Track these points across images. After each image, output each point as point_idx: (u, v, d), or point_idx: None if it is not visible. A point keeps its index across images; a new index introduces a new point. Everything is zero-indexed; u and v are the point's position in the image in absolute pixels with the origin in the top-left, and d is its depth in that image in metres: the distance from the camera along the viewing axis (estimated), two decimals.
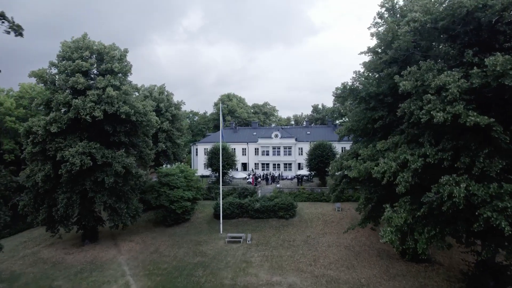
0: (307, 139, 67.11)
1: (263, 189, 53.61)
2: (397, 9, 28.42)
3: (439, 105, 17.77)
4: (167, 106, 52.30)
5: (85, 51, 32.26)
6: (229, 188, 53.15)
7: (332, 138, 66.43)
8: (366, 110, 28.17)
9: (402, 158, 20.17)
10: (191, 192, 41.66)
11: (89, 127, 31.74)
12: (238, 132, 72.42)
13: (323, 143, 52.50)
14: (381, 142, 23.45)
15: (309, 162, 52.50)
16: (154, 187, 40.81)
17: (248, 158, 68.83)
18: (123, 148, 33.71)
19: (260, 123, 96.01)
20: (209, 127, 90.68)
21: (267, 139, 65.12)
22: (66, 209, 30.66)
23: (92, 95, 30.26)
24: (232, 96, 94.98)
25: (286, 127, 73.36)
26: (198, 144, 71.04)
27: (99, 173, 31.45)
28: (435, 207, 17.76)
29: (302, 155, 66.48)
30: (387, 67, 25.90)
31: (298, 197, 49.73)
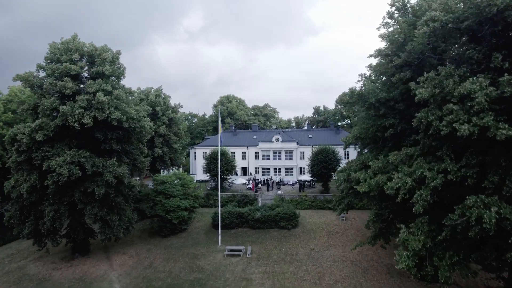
0: (309, 142, 65.14)
1: (263, 196, 51.60)
2: (409, 8, 26.41)
3: (462, 116, 15.78)
4: (164, 109, 50.31)
5: (74, 53, 30.27)
6: (228, 194, 51.14)
7: (334, 141, 64.50)
8: (375, 117, 26.19)
9: (418, 173, 18.16)
10: (188, 201, 39.67)
11: (79, 134, 29.73)
12: (238, 135, 70.44)
13: (326, 148, 50.50)
14: (394, 154, 21.42)
15: (312, 168, 50.49)
16: (149, 196, 38.83)
17: (248, 162, 66.84)
18: (115, 156, 31.67)
19: (261, 126, 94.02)
20: (208, 129, 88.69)
21: (267, 143, 63.12)
22: (53, 222, 28.64)
23: (81, 101, 28.25)
24: (232, 97, 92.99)
25: (287, 130, 71.43)
26: (197, 147, 69.07)
27: (89, 183, 29.44)
28: (459, 231, 15.77)
29: (303, 159, 64.52)
30: (399, 71, 23.94)
31: (300, 205, 47.79)
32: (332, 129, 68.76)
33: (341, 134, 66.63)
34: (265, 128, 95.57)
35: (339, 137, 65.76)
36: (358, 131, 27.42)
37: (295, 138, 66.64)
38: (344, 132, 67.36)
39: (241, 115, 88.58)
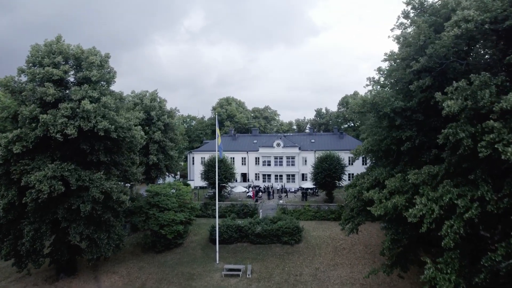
0: (312, 147, 62.51)
1: (264, 205, 48.98)
2: (426, 7, 23.79)
3: (506, 136, 13.19)
4: (159, 114, 47.69)
5: (58, 56, 27.62)
6: (227, 204, 48.55)
7: (338, 146, 61.89)
8: (389, 128, 23.58)
9: (446, 199, 15.57)
10: (184, 214, 37.10)
11: (62, 145, 27.07)
12: (238, 139, 67.80)
13: (330, 155, 47.85)
14: (414, 173, 18.80)
15: (315, 176, 47.84)
16: (142, 209, 36.22)
17: (248, 168, 64.21)
18: (104, 168, 29.06)
19: (261, 129, 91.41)
20: (206, 133, 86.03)
21: (268, 148, 60.48)
22: (33, 243, 26.04)
23: (64, 109, 25.61)
24: (231, 100, 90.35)
25: (288, 135, 68.81)
26: (195, 152, 66.45)
27: (74, 199, 26.83)
28: (503, 275, 13.18)
29: (306, 165, 61.89)
30: (417, 78, 21.33)
31: (303, 215, 45.20)
32: (336, 133, 66.14)
33: (345, 138, 64.09)
34: (265, 131, 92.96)
35: (343, 142, 63.25)
36: (369, 143, 24.77)
37: (297, 143, 63.99)
38: (348, 137, 64.77)
39: (240, 118, 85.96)
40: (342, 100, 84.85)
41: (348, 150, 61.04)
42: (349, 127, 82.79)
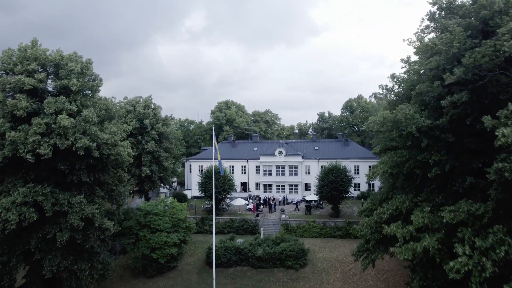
0: (315, 155, 59.18)
1: (265, 220, 45.69)
2: (455, 8, 20.42)
3: None
4: (153, 122, 44.34)
5: (32, 62, 24.28)
6: (225, 219, 45.22)
7: (343, 154, 58.56)
8: (412, 148, 20.29)
9: (501, 254, 12.24)
10: (179, 234, 33.78)
11: (37, 164, 23.73)
12: (237, 146, 64.43)
13: (337, 166, 44.52)
14: (449, 211, 15.49)
15: (320, 189, 44.53)
16: (132, 229, 32.92)
17: (248, 177, 60.88)
18: (86, 189, 25.69)
19: (261, 133, 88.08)
20: (205, 138, 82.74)
21: (269, 157, 57.12)
22: (1, 279, 22.70)
23: (37, 125, 22.26)
24: (231, 103, 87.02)
25: (290, 141, 65.46)
26: (192, 160, 63.14)
27: (50, 226, 23.54)
28: None
29: (309, 174, 58.61)
30: (447, 91, 18.05)
31: (307, 232, 41.92)
32: (340, 140, 62.76)
33: (350, 146, 60.75)
34: (266, 135, 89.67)
35: (348, 149, 59.95)
36: (388, 165, 21.40)
37: (300, 150, 60.68)
38: (353, 144, 61.42)
39: (240, 122, 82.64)
40: (346, 104, 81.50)
41: (354, 158, 57.84)
42: (353, 131, 79.41)
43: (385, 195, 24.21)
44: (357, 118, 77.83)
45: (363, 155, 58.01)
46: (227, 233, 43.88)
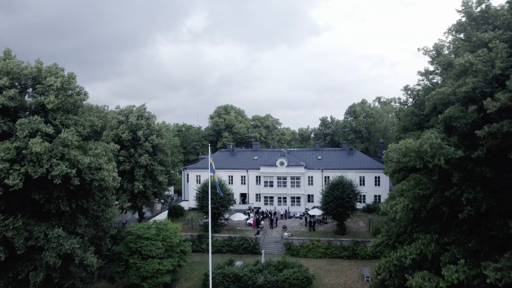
0: (319, 166, 56.39)
1: (267, 238, 42.93)
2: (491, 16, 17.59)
3: None
4: (147, 134, 41.53)
5: (4, 76, 21.46)
6: (224, 237, 42.43)
7: (348, 165, 55.80)
8: (439, 182, 17.47)
9: None
10: (173, 260, 30.98)
11: (7, 194, 20.90)
12: (236, 155, 61.60)
13: (342, 181, 41.67)
14: (496, 270, 12.68)
15: (325, 205, 41.73)
16: (122, 255, 30.13)
17: (248, 188, 58.08)
18: (66, 218, 22.89)
19: (262, 138, 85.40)
20: (203, 144, 79.87)
21: (270, 168, 54.30)
22: None
23: (5, 151, 19.44)
24: (230, 108, 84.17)
25: (292, 150, 62.62)
26: (189, 170, 60.30)
27: (22, 264, 20.77)
28: None
29: (312, 185, 55.87)
30: (486, 120, 15.26)
31: (311, 252, 39.17)
32: (345, 148, 59.90)
33: (355, 155, 57.93)
34: (266, 141, 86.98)
35: (352, 159, 57.15)
36: (409, 199, 18.49)
37: (302, 159, 57.90)
38: (358, 153, 58.62)
39: (240, 128, 79.83)
40: (349, 109, 78.68)
41: (359, 169, 55.01)
42: (357, 137, 76.58)
43: (403, 228, 21.35)
44: (361, 124, 75.08)
45: (369, 165, 55.23)
46: (225, 252, 41.21)
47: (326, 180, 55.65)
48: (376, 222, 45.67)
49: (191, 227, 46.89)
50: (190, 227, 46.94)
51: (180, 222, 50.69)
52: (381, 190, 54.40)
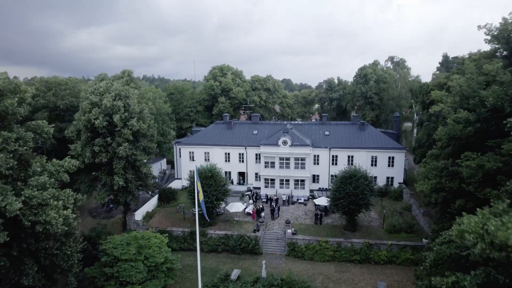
0: (326, 143, 50.32)
1: (267, 235, 38.27)
2: None
3: None
4: (126, 118, 34.68)
5: None
6: (220, 234, 37.69)
7: (359, 142, 49.67)
8: None
9: None
10: (158, 282, 26.28)
11: None
12: (234, 129, 55.07)
13: (356, 174, 35.87)
14: None
15: (334, 201, 36.46)
16: (96, 281, 25.30)
17: (246, 167, 52.60)
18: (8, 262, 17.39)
19: (262, 102, 78.04)
20: (198, 110, 72.79)
21: (272, 147, 48.21)
22: None
23: None
24: (227, 69, 75.63)
25: (297, 124, 55.87)
26: (182, 146, 54.18)
27: None
28: None
29: (318, 165, 50.34)
30: None
31: (318, 255, 34.72)
32: (355, 122, 53.28)
33: (367, 131, 51.55)
34: (267, 105, 79.70)
35: (364, 135, 50.91)
36: None
37: (307, 134, 51.73)
38: (370, 129, 52.16)
39: (237, 92, 72.20)
40: (360, 71, 70.42)
41: (371, 148, 48.94)
42: (367, 103, 69.18)
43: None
44: (372, 90, 67.47)
45: (382, 143, 49.15)
46: (221, 251, 36.81)
47: (334, 159, 50.03)
48: (389, 211, 40.87)
49: (183, 217, 42.12)
50: (182, 217, 42.18)
51: (171, 207, 46.07)
52: (394, 172, 49.00)
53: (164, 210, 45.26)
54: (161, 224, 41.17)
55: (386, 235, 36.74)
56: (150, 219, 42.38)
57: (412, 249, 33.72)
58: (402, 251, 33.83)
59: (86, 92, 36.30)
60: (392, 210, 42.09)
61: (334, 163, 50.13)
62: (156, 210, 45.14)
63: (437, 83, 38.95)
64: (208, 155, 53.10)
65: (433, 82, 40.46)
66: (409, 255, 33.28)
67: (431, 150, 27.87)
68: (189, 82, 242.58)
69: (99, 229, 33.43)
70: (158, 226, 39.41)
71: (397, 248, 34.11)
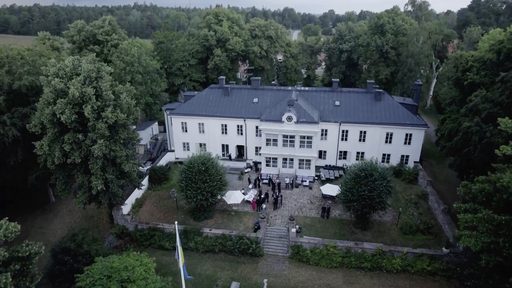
0: (336, 116, 44.43)
1: (269, 231, 34.81)
2: None
3: None
4: (99, 107, 28.24)
5: None
6: (216, 233, 34.10)
7: (373, 116, 43.83)
8: None
9: None
10: None
11: None
12: (231, 95, 48.37)
13: (372, 172, 30.93)
14: None
15: (346, 202, 32.20)
16: None
17: (245, 140, 47.38)
18: None
19: (263, 53, 69.35)
20: (190, 64, 64.45)
21: (275, 124, 42.33)
22: None
23: None
24: (222, 14, 65.45)
25: (304, 90, 48.81)
26: (173, 116, 48.05)
27: None
28: None
29: (326, 140, 45.09)
30: None
31: (325, 260, 31.68)
32: (371, 90, 46.51)
33: (384, 101, 45.23)
34: (268, 55, 71.05)
35: (380, 107, 44.85)
36: None
37: (315, 103, 45.72)
38: (387, 98, 45.68)
39: (235, 43, 63.37)
40: (376, 21, 60.80)
41: (387, 124, 43.08)
42: (382, 57, 61.02)
43: None
44: (388, 43, 58.90)
45: (400, 118, 43.25)
46: (218, 252, 33.64)
47: (344, 134, 44.60)
48: (403, 202, 37.04)
49: (175, 207, 38.25)
50: (175, 205, 38.30)
51: (163, 191, 41.97)
52: (410, 150, 43.99)
53: (155, 194, 41.28)
54: (152, 216, 37.51)
55: (400, 236, 33.27)
56: (140, 208, 38.60)
57: (430, 258, 30.37)
58: (418, 259, 30.54)
59: (47, 72, 29.34)
60: (406, 199, 38.18)
61: (344, 138, 44.83)
62: (147, 194, 41.14)
63: (479, 58, 31.87)
64: (203, 126, 47.46)
65: (473, 55, 33.24)
66: (425, 264, 30.07)
67: None
68: (183, 13, 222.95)
69: (80, 238, 29.54)
70: (149, 222, 35.67)
71: (412, 256, 30.79)
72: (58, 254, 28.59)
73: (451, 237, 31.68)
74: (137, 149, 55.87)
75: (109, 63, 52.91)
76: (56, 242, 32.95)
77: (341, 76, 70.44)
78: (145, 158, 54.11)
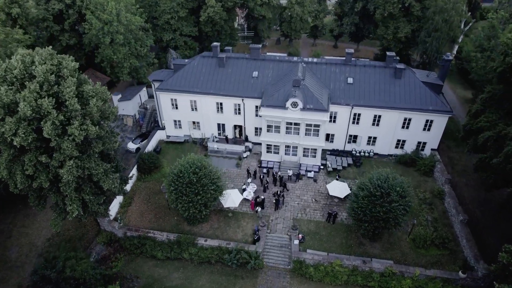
0: (348, 96, 38.67)
1: (269, 239, 32.06)
2: None
3: None
4: (63, 122, 22.86)
5: None
6: (212, 245, 31.28)
7: (391, 98, 38.19)
8: None
9: None
10: None
11: None
12: (227, 66, 41.51)
13: (390, 189, 26.71)
14: None
15: (356, 221, 28.70)
16: None
17: (244, 119, 42.19)
18: None
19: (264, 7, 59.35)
20: (180, 17, 55.10)
21: (278, 110, 36.63)
22: None
23: None
24: None
25: (311, 61, 41.59)
26: (161, 92, 41.93)
27: None
28: None
29: (335, 123, 39.95)
30: None
31: (329, 278, 29.70)
32: (390, 65, 39.73)
33: (405, 78, 39.07)
34: (270, 2, 60.88)
35: (399, 85, 38.96)
36: None
37: (324, 80, 39.59)
38: (408, 74, 39.24)
39: None
40: None
41: (405, 109, 37.38)
42: (402, 14, 51.93)
43: None
44: None
45: (421, 102, 37.53)
46: (214, 263, 31.30)
47: (356, 118, 39.29)
48: (416, 201, 33.68)
49: (167, 204, 34.83)
50: (167, 204, 34.89)
51: (153, 181, 38.28)
52: (429, 137, 39.16)
53: (145, 187, 37.76)
54: (142, 218, 34.42)
55: (412, 250, 30.54)
56: (128, 208, 35.35)
57: (444, 281, 27.97)
58: (430, 281, 28.17)
59: None
60: (420, 199, 34.78)
61: (356, 122, 39.66)
62: (136, 187, 37.58)
63: None
64: (195, 104, 41.84)
65: None
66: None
67: None
68: None
69: (60, 264, 26.67)
70: (139, 229, 32.62)
71: (424, 278, 28.37)
72: (38, 283, 26.10)
73: (469, 256, 28.94)
74: (125, 120, 50.81)
75: (85, 23, 44.99)
76: (38, 258, 30.47)
77: (352, 28, 61.53)
78: (135, 131, 49.33)
